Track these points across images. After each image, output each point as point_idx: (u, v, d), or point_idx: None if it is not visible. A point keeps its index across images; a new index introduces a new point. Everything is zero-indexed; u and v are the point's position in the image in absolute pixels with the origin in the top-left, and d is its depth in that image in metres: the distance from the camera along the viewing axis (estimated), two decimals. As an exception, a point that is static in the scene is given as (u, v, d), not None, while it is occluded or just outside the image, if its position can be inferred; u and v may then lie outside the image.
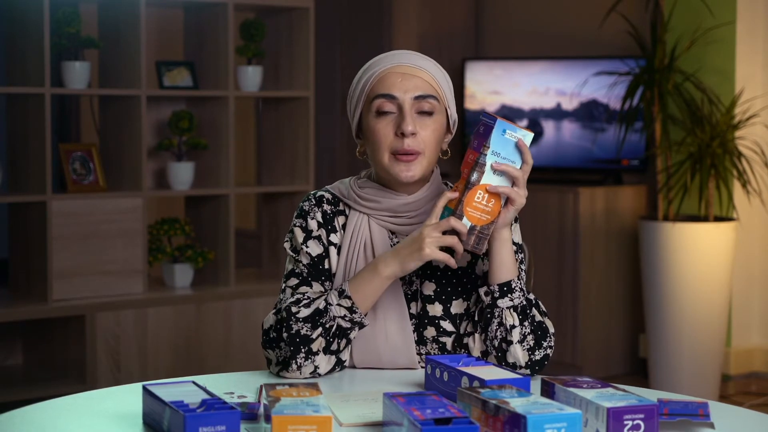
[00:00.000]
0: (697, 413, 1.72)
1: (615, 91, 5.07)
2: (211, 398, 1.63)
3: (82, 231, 4.20)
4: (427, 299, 2.09)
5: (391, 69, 2.07)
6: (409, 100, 2.05)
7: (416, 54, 2.10)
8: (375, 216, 2.10)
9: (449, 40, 6.07)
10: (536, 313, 2.03)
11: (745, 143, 4.77)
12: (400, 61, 2.07)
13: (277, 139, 4.80)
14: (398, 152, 2.04)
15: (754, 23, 4.96)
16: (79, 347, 4.18)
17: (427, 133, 2.05)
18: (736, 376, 4.97)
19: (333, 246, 2.11)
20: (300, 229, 2.11)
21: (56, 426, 1.70)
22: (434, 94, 2.06)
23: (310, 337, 1.97)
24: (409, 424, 1.50)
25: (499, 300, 2.00)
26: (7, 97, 4.31)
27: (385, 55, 2.10)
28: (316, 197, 2.14)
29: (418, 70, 2.06)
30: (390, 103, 2.05)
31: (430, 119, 2.06)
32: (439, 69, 2.10)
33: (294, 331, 1.97)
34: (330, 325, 1.98)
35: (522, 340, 1.99)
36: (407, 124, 2.03)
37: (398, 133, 2.04)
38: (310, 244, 2.09)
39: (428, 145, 2.06)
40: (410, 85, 2.05)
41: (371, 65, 2.10)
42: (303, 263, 2.08)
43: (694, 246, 4.66)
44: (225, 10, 4.44)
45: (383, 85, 2.06)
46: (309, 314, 1.98)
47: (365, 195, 2.10)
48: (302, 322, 1.97)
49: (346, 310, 1.98)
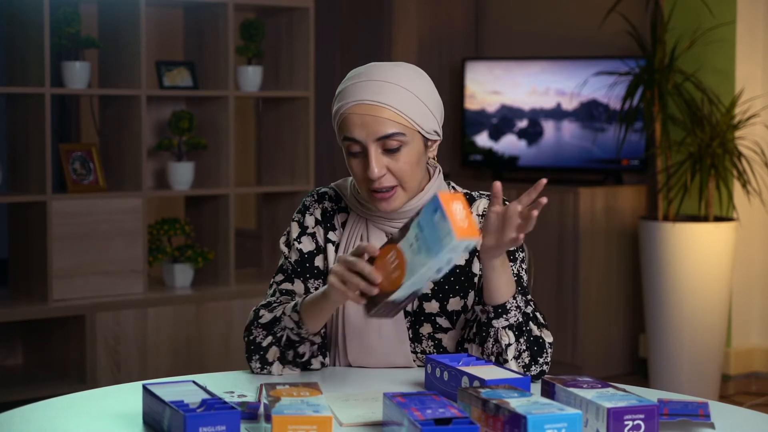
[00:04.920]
0: (697, 413, 1.72)
1: (615, 91, 5.06)
2: (211, 398, 1.63)
3: (82, 231, 4.20)
4: (423, 297, 2.09)
5: (352, 109, 1.99)
6: (372, 143, 1.99)
7: (384, 80, 1.99)
8: (372, 219, 2.10)
9: (449, 40, 6.07)
10: (533, 328, 2.00)
11: (745, 143, 4.77)
12: (362, 97, 1.98)
13: (277, 139, 4.80)
14: (374, 190, 2.02)
15: (754, 23, 4.96)
16: (79, 347, 4.18)
17: (400, 166, 2.00)
18: (736, 376, 4.97)
19: (331, 243, 2.12)
20: (297, 224, 2.14)
21: (56, 426, 1.70)
22: (399, 130, 1.98)
23: (261, 345, 2.01)
24: (409, 424, 1.50)
25: (494, 320, 1.98)
26: (7, 97, 4.31)
27: (353, 83, 2.01)
28: (318, 193, 2.16)
29: (378, 108, 1.98)
30: (356, 145, 2.00)
31: (399, 153, 2.00)
32: (406, 92, 1.99)
33: (252, 337, 2.02)
34: (281, 335, 2.00)
35: (518, 356, 1.98)
36: (372, 170, 1.98)
37: (366, 176, 2.01)
38: (303, 240, 2.12)
39: (403, 177, 2.01)
40: (371, 127, 1.98)
41: (342, 94, 2.03)
42: (291, 260, 2.12)
43: (694, 246, 4.65)
44: (225, 10, 4.44)
45: (347, 127, 2.00)
46: (268, 321, 2.01)
47: (362, 199, 2.10)
48: (260, 328, 2.01)
49: (294, 324, 1.98)
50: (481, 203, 2.14)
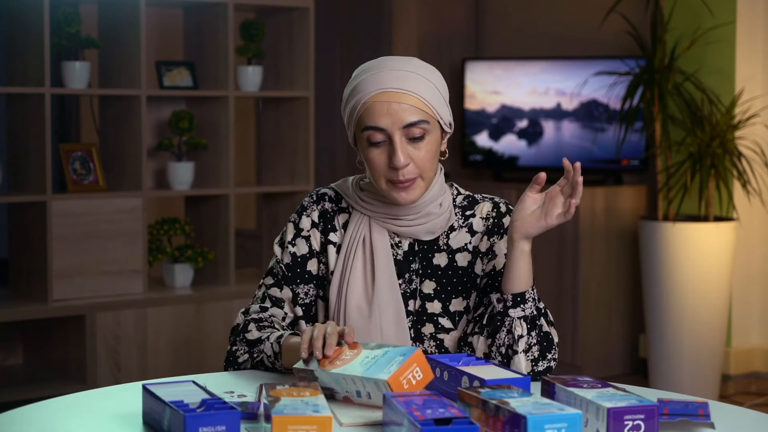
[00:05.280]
0: (697, 413, 1.72)
1: (615, 91, 5.07)
2: (211, 398, 1.63)
3: (82, 231, 4.20)
4: (426, 297, 2.09)
5: (376, 96, 1.98)
6: (398, 131, 1.98)
7: (405, 68, 2.00)
8: (376, 217, 2.10)
9: (449, 40, 6.07)
10: (544, 323, 2.01)
11: (745, 143, 4.77)
12: (386, 85, 1.98)
13: (277, 139, 4.80)
14: (394, 181, 2.02)
15: (754, 23, 4.96)
16: (79, 347, 4.18)
17: (421, 155, 2.00)
18: (736, 376, 4.97)
19: (332, 245, 2.12)
20: (292, 225, 2.14)
21: (56, 426, 1.70)
22: (424, 118, 1.99)
23: (238, 360, 2.05)
24: (409, 424, 1.50)
25: (511, 309, 1.98)
26: (7, 97, 4.31)
27: (374, 72, 2.01)
28: (318, 194, 2.15)
29: (405, 95, 1.98)
30: (379, 133, 1.99)
31: (422, 142, 2.00)
32: (427, 81, 2.01)
33: (234, 348, 2.06)
34: (257, 356, 2.02)
35: (527, 350, 1.99)
36: (398, 159, 1.98)
37: (391, 165, 2.00)
38: (297, 243, 2.12)
39: (424, 166, 2.01)
40: (397, 114, 1.97)
41: (359, 86, 2.01)
42: (282, 263, 2.13)
43: (694, 246, 4.65)
44: (225, 10, 4.44)
45: (370, 116, 1.99)
46: (253, 339, 2.04)
47: (366, 197, 2.10)
48: (244, 343, 2.05)
49: (272, 353, 2.00)
50: (484, 206, 2.14)
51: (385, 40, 6.03)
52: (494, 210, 2.13)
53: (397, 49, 6.00)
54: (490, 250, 2.10)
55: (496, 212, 2.13)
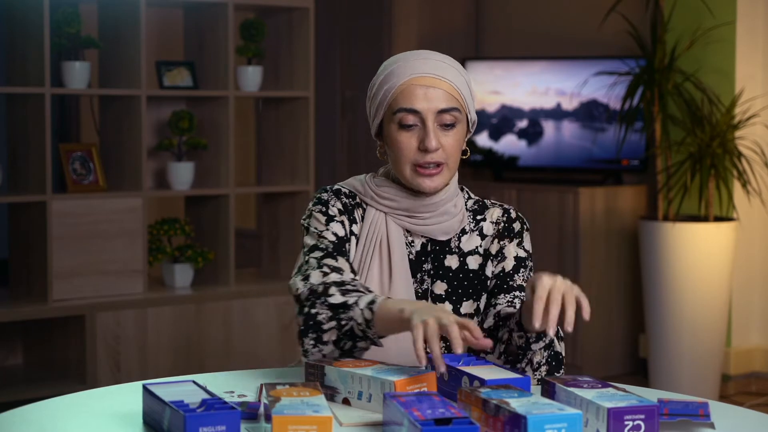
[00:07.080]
0: (697, 413, 1.72)
1: (615, 91, 5.07)
2: (211, 398, 1.63)
3: (82, 231, 4.20)
4: (437, 299, 2.10)
5: (413, 80, 2.03)
6: (432, 115, 2.02)
7: (438, 59, 2.06)
8: (392, 214, 2.10)
9: (449, 40, 6.07)
10: (556, 342, 2.01)
11: (745, 143, 4.77)
12: (424, 70, 2.03)
13: (277, 139, 4.80)
14: (421, 165, 2.03)
15: (754, 23, 4.96)
16: (79, 347, 4.18)
17: (450, 143, 2.04)
18: (736, 376, 4.97)
19: (354, 236, 2.10)
20: (321, 214, 2.08)
21: (56, 426, 1.70)
22: (457, 106, 2.04)
23: (322, 325, 1.92)
24: (409, 424, 1.50)
25: (534, 344, 1.98)
26: (7, 97, 4.31)
27: (407, 60, 2.06)
28: (333, 190, 2.12)
29: (441, 81, 2.03)
30: (412, 116, 2.03)
31: (452, 130, 2.04)
32: (460, 74, 2.06)
33: (314, 311, 1.92)
34: (345, 323, 1.91)
35: (537, 368, 2.00)
36: (430, 141, 2.01)
37: (421, 148, 2.02)
38: (332, 226, 2.07)
39: (451, 155, 2.04)
40: (433, 98, 2.02)
41: (393, 72, 2.05)
42: (328, 239, 2.05)
43: (694, 246, 4.65)
44: (225, 10, 4.44)
45: (406, 98, 2.03)
46: (338, 303, 1.91)
47: (383, 193, 2.10)
48: (326, 307, 1.91)
49: (364, 321, 1.89)
50: (494, 212, 2.16)
51: (385, 40, 6.03)
52: (504, 215, 2.15)
53: (397, 49, 6.00)
54: (499, 253, 2.12)
55: (506, 217, 2.15)
